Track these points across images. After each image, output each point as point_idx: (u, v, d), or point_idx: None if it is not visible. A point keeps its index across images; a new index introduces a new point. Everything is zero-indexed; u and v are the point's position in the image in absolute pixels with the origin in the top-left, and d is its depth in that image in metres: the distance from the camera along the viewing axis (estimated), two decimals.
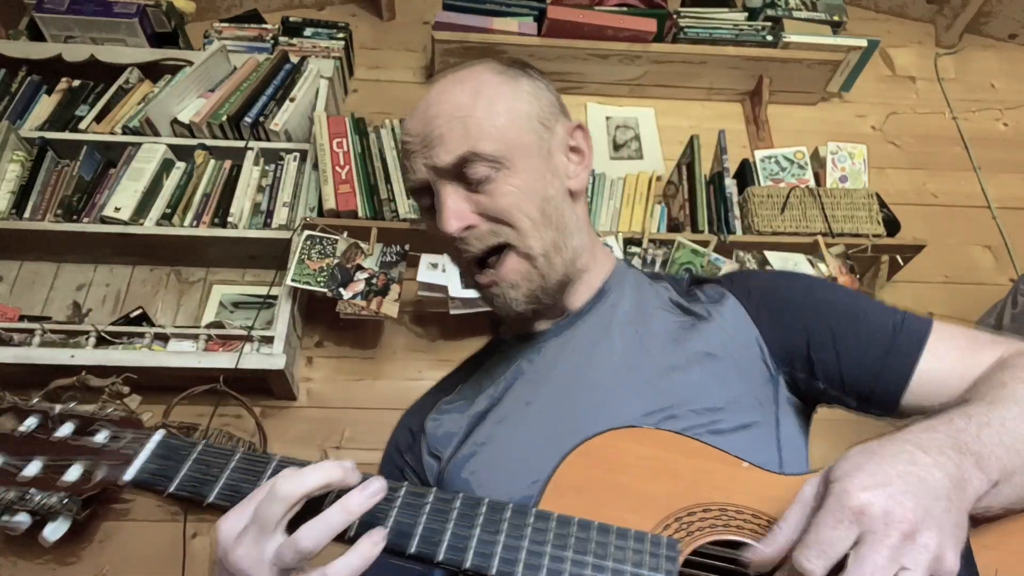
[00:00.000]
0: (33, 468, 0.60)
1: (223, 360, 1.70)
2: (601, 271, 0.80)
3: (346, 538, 0.53)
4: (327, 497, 0.54)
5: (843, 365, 0.67)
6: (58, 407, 0.64)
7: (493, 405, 0.75)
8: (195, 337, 1.78)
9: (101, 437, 0.61)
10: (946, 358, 0.65)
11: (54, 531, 0.59)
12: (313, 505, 0.53)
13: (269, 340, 1.75)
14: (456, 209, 0.70)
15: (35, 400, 0.64)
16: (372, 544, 0.52)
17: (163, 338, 1.77)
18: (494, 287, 0.72)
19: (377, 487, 0.54)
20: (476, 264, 0.73)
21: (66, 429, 0.62)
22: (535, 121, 0.73)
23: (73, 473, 0.59)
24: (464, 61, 0.78)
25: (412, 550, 0.52)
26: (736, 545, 0.55)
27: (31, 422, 0.63)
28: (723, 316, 0.72)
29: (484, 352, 0.87)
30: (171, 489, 0.56)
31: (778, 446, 0.66)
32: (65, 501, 0.59)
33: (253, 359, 1.71)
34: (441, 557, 0.52)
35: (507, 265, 0.71)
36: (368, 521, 0.53)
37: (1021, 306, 1.60)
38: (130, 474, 0.58)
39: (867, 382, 0.66)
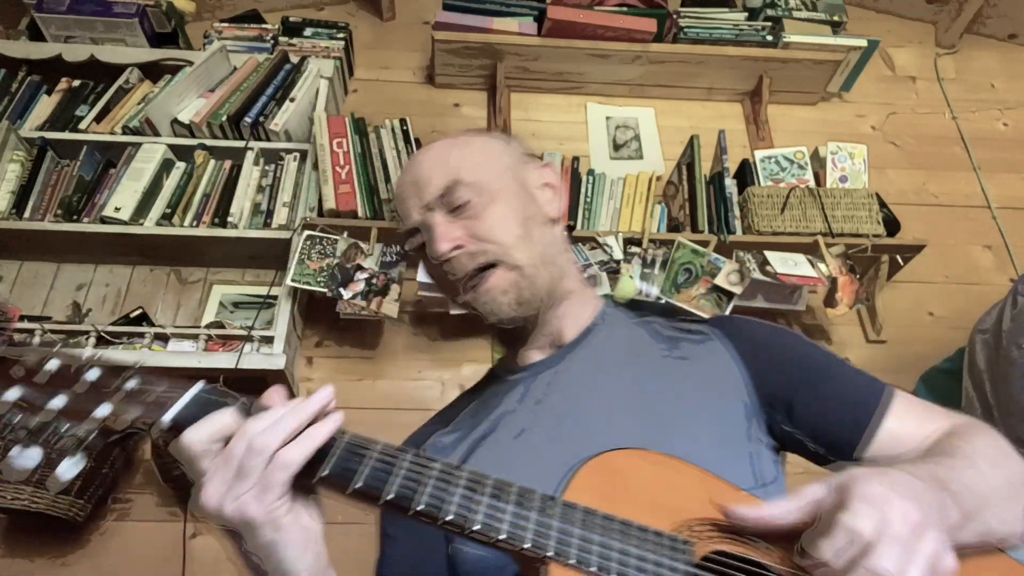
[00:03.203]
0: (59, 402, 0.57)
1: (223, 360, 1.70)
2: (590, 307, 0.85)
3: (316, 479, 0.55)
4: None
5: (821, 416, 0.73)
6: (86, 353, 0.61)
7: (487, 435, 0.77)
8: (195, 337, 1.78)
9: (132, 384, 0.59)
10: (907, 420, 0.72)
11: (68, 469, 0.58)
12: None
13: (269, 340, 1.76)
14: (446, 232, 0.77)
15: (58, 346, 0.62)
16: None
17: (163, 338, 1.77)
18: (484, 295, 0.77)
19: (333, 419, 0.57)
20: (467, 284, 0.78)
21: (93, 374, 0.60)
22: (507, 157, 0.84)
23: (103, 410, 0.57)
24: (468, 61, 0.83)
25: (448, 517, 0.54)
26: (744, 560, 0.57)
27: (54, 364, 0.60)
28: (712, 357, 0.77)
29: (480, 385, 0.91)
30: None
31: (754, 476, 0.71)
32: (93, 436, 0.57)
33: (253, 359, 1.72)
34: (477, 527, 0.54)
35: (494, 276, 0.77)
36: (405, 495, 0.55)
37: (1021, 306, 1.60)
38: (169, 416, 0.57)
39: (836, 432, 0.72)
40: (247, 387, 1.80)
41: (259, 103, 2.06)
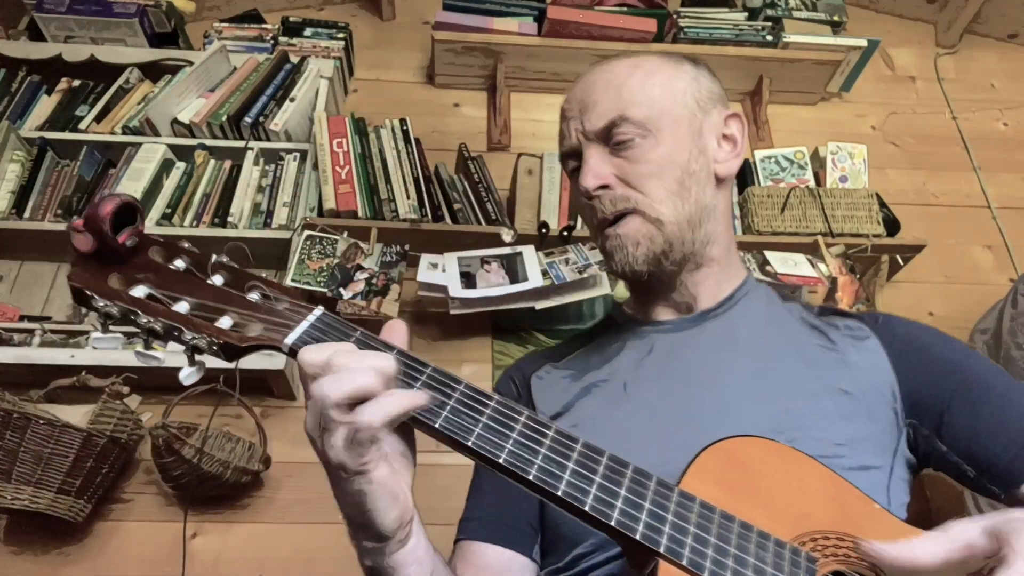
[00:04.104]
0: (183, 306, 0.57)
1: (223, 360, 1.69)
2: (734, 278, 0.79)
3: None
4: None
5: (977, 434, 0.66)
6: (214, 256, 0.61)
7: (600, 383, 0.74)
8: None
9: (254, 296, 0.59)
10: None
11: (189, 376, 0.58)
12: None
13: None
14: (596, 168, 0.72)
15: (186, 244, 0.61)
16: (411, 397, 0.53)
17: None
18: (615, 239, 0.73)
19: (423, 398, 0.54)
20: (606, 224, 0.74)
21: (218, 279, 0.60)
22: (690, 98, 0.75)
23: (225, 321, 0.57)
24: (468, 61, 0.80)
25: (559, 493, 0.52)
26: None
27: (180, 263, 0.60)
28: (862, 355, 0.71)
29: (598, 327, 0.85)
30: None
31: (888, 496, 0.65)
32: (215, 348, 0.57)
33: (253, 359, 1.71)
34: (587, 507, 0.51)
35: (630, 224, 0.72)
36: (518, 465, 0.52)
37: (1021, 306, 1.60)
38: (291, 339, 0.57)
39: (996, 457, 0.65)
40: (247, 387, 1.79)
41: (259, 103, 2.06)
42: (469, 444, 0.53)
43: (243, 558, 1.64)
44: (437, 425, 0.54)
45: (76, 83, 2.14)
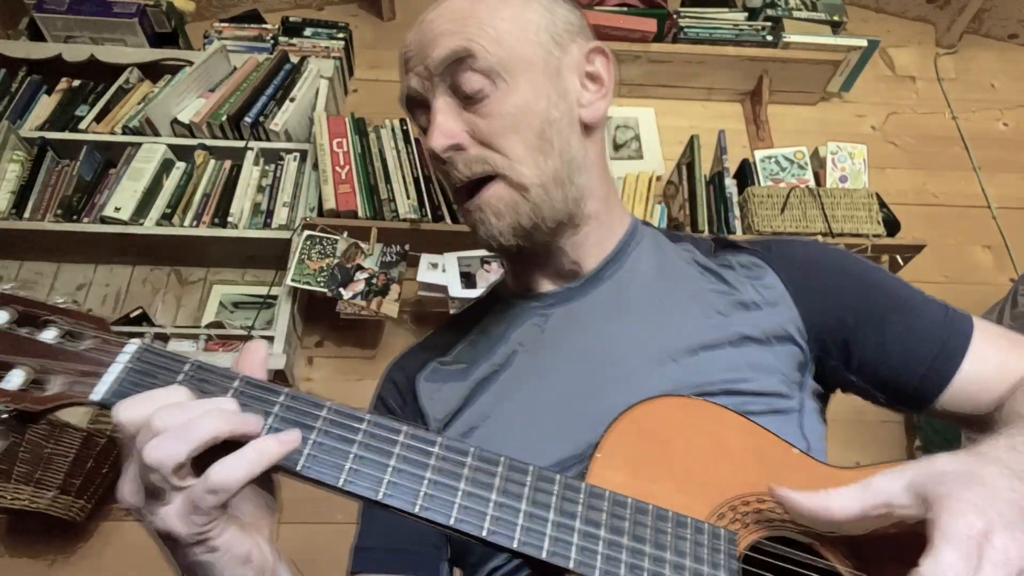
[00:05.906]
0: None
1: (223, 360, 1.69)
2: (617, 229, 0.71)
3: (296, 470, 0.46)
4: None
5: (886, 359, 0.63)
6: None
7: (495, 372, 0.67)
8: (195, 337, 1.78)
9: (50, 335, 0.47)
10: (989, 361, 0.62)
11: None
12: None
13: (269, 340, 1.76)
14: (444, 126, 0.62)
15: None
16: (279, 443, 0.44)
17: (163, 338, 1.77)
18: (477, 212, 0.64)
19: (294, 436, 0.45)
20: (465, 192, 0.64)
21: (3, 317, 0.47)
22: (544, 33, 0.65)
23: (15, 379, 0.44)
24: None
25: (451, 522, 0.45)
26: (790, 542, 0.52)
27: None
28: (761, 294, 0.66)
29: (479, 307, 0.77)
30: None
31: (803, 434, 0.62)
32: (5, 416, 0.44)
33: None
34: (485, 533, 0.46)
35: (490, 191, 0.63)
36: (402, 498, 0.46)
37: (1021, 306, 1.60)
38: (100, 392, 0.46)
39: (907, 379, 0.63)
40: None
41: (259, 103, 2.06)
42: (339, 486, 0.45)
43: None
44: (298, 468, 0.45)
45: (76, 83, 2.14)
